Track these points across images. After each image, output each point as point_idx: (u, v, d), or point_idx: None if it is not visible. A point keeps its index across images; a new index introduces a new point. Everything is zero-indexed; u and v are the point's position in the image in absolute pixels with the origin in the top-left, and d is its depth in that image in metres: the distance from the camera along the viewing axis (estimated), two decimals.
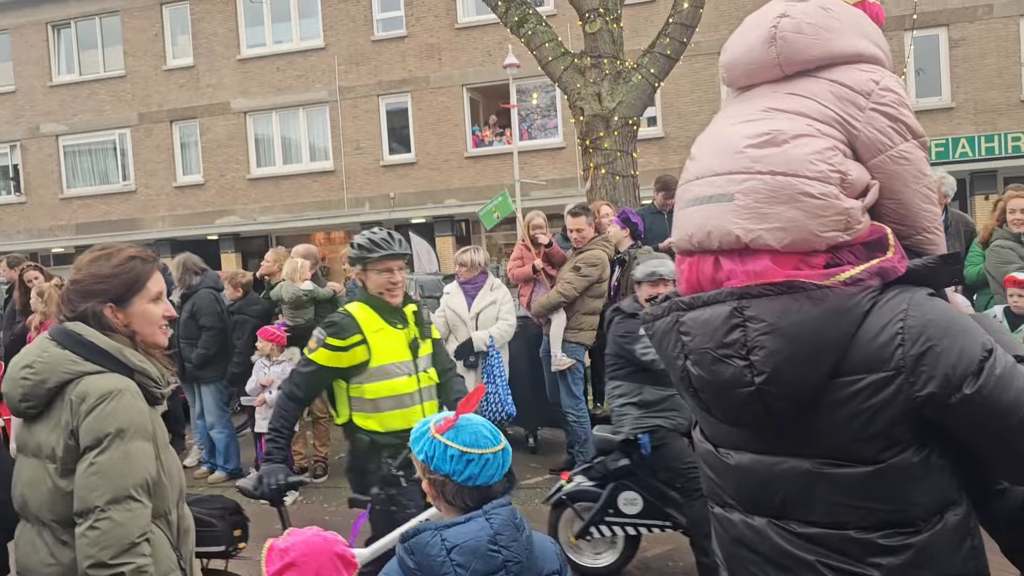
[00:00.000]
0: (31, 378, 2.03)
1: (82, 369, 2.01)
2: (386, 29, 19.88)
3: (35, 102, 21.86)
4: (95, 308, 2.08)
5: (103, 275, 2.12)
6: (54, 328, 2.10)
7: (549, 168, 19.14)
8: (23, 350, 2.14)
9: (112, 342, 2.06)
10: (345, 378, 3.30)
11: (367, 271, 3.35)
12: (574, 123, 8.73)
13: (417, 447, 1.80)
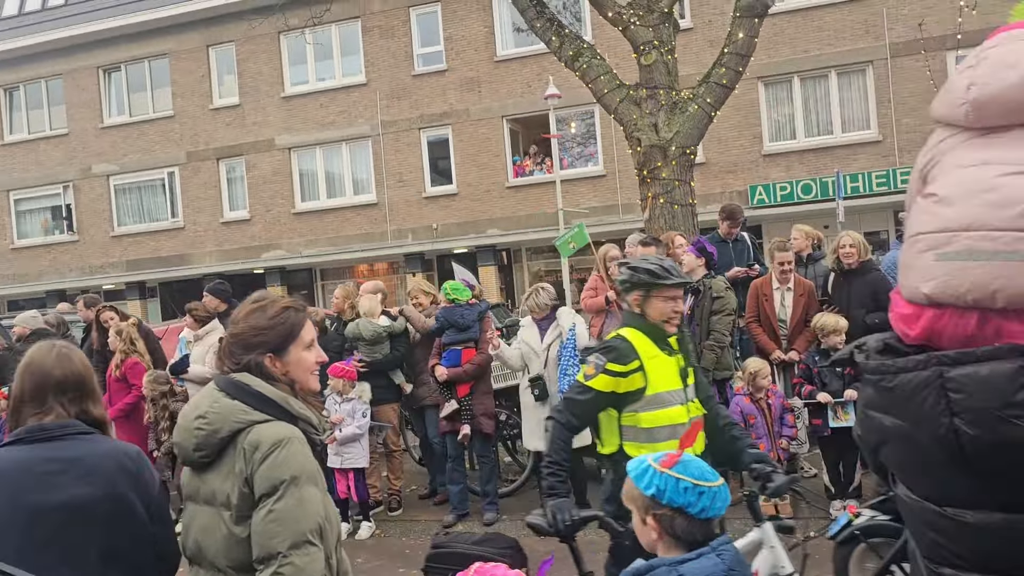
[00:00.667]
0: (205, 428, 2.10)
1: (252, 418, 2.08)
2: (426, 64, 20.23)
3: (87, 143, 22.51)
4: (257, 359, 2.16)
5: (261, 327, 2.20)
6: (221, 379, 2.18)
7: (590, 196, 19.23)
8: (193, 401, 2.22)
9: (277, 391, 2.14)
10: (618, 406, 3.23)
11: (650, 297, 3.26)
12: (631, 153, 8.81)
13: (643, 483, 1.84)
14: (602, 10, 8.74)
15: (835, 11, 17.53)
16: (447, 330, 6.31)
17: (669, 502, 1.80)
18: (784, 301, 6.15)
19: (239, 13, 20.91)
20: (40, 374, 2.36)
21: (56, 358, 2.40)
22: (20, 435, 2.31)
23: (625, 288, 3.40)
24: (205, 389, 2.23)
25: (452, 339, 6.24)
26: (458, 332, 6.25)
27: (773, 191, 17.85)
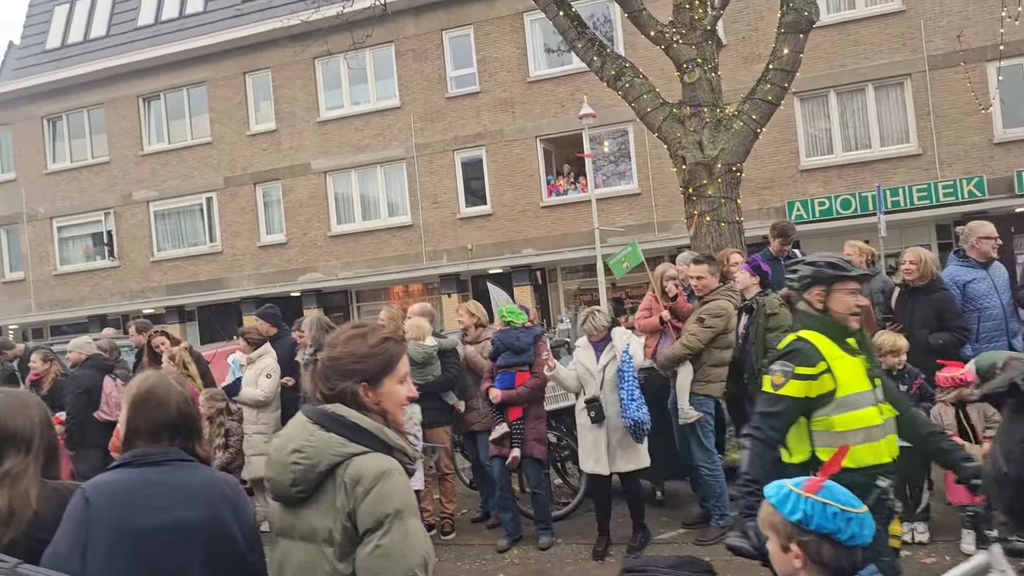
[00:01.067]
0: (302, 463, 2.05)
1: (350, 451, 2.04)
2: (459, 86, 20.38)
3: (128, 171, 22.95)
4: (352, 387, 2.13)
5: (360, 354, 2.17)
6: (312, 410, 2.14)
7: (626, 214, 19.18)
8: (285, 434, 2.17)
9: (373, 422, 2.10)
10: (807, 412, 3.13)
11: (833, 292, 3.18)
12: (675, 171, 8.76)
13: (786, 508, 1.79)
14: (643, 29, 8.72)
15: (871, 25, 17.40)
16: (502, 353, 6.28)
17: (817, 528, 1.74)
18: None
19: (274, 41, 21.31)
20: (159, 410, 2.38)
21: (175, 396, 2.42)
22: (127, 459, 2.34)
23: (804, 285, 3.28)
24: (296, 421, 2.18)
25: (507, 362, 6.20)
26: (513, 355, 6.21)
27: (811, 207, 17.66)
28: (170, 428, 2.38)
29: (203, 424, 6.89)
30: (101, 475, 2.36)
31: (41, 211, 23.72)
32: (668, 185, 18.84)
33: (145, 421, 2.39)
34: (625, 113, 19.07)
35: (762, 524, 1.88)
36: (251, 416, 7.18)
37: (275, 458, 2.13)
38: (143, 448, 2.36)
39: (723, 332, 5.86)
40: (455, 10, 20.15)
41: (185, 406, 2.47)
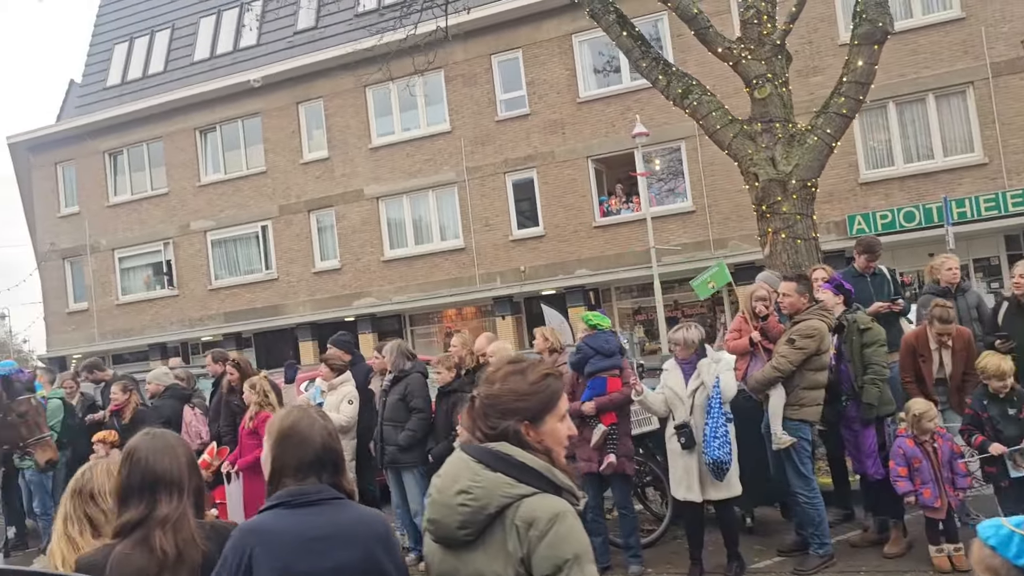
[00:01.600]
0: (470, 504, 1.98)
1: (519, 492, 1.96)
2: (509, 109, 20.47)
3: (185, 201, 23.47)
4: (514, 427, 2.05)
5: (522, 392, 2.10)
6: (475, 449, 2.07)
7: (680, 233, 18.99)
8: (447, 473, 2.10)
9: (541, 462, 2.02)
10: None
11: None
12: (748, 189, 8.62)
13: (1010, 551, 1.67)
14: (711, 47, 8.64)
15: (931, 33, 17.06)
16: (591, 358, 6.15)
17: None
18: (943, 359, 5.90)
19: (326, 71, 21.71)
20: (304, 445, 2.36)
21: (319, 431, 2.39)
22: (282, 498, 2.31)
23: None
24: (457, 460, 2.11)
25: (597, 367, 6.07)
26: (605, 358, 6.10)
27: (873, 220, 17.28)
28: (316, 464, 2.35)
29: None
30: (258, 517, 2.35)
31: (103, 243, 24.35)
32: (723, 202, 18.64)
33: (291, 458, 2.36)
34: (677, 131, 19.03)
35: (979, 566, 1.74)
36: None
37: (439, 499, 2.06)
38: (296, 487, 2.33)
39: (816, 353, 5.68)
40: (503, 34, 20.28)
41: (329, 440, 2.43)
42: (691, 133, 18.77)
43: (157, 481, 2.37)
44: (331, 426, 2.50)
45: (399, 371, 6.56)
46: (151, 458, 2.44)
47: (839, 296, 6.00)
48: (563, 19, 19.88)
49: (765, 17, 8.38)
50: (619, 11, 9.13)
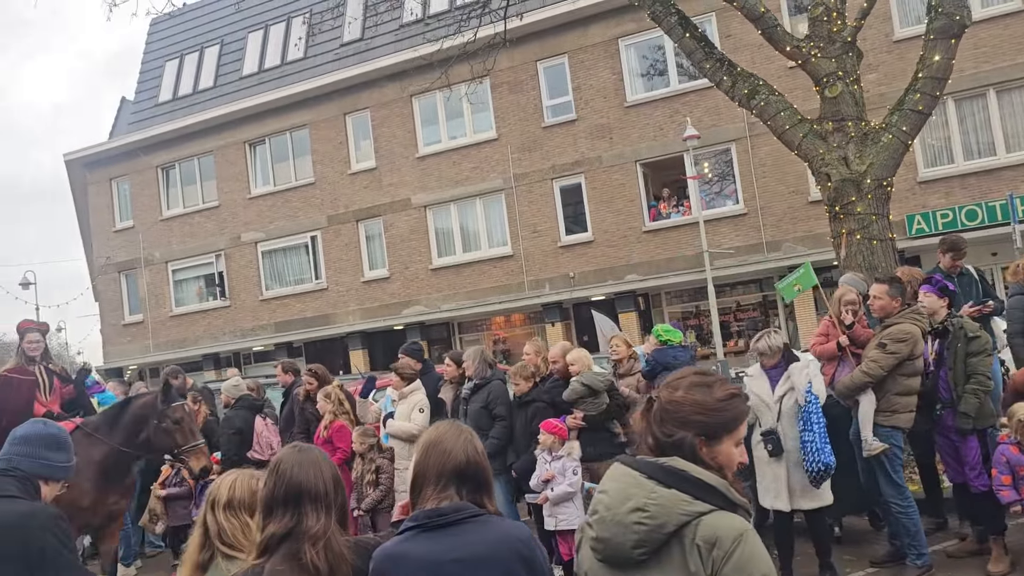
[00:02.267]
0: (647, 523, 1.90)
1: (697, 509, 1.88)
2: (556, 115, 20.42)
3: (236, 214, 23.81)
4: (691, 439, 1.98)
5: (705, 406, 2.01)
6: (646, 464, 1.99)
7: (732, 236, 18.73)
8: (615, 490, 2.01)
9: (718, 479, 1.94)
10: None
11: None
12: (820, 189, 8.43)
13: None
14: (778, 46, 8.48)
15: (991, 26, 16.62)
16: (660, 374, 6.05)
17: None
18: None
19: (373, 82, 21.89)
20: (446, 457, 2.34)
21: (463, 445, 2.37)
22: (419, 520, 2.30)
23: None
24: (623, 475, 2.01)
25: None
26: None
27: (932, 219, 16.87)
28: (458, 477, 2.33)
29: (358, 462, 6.94)
30: (394, 542, 2.33)
31: (157, 255, 24.81)
32: (775, 204, 18.36)
33: (433, 468, 2.35)
34: (727, 133, 18.80)
35: None
36: (403, 452, 7.14)
37: (609, 517, 1.97)
38: (434, 507, 2.31)
39: (909, 358, 5.50)
40: (549, 40, 20.25)
41: (475, 456, 2.40)
42: (741, 135, 18.58)
43: (302, 494, 2.35)
44: (478, 444, 2.46)
45: (480, 378, 6.52)
46: (296, 470, 2.42)
47: (943, 299, 5.78)
48: (609, 23, 19.81)
49: (835, 14, 8.20)
50: (681, 12, 9.01)
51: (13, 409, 6.22)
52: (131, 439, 6.37)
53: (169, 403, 6.36)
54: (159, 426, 6.29)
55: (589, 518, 2.05)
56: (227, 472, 2.81)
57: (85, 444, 6.19)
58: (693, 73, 19.47)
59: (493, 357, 6.70)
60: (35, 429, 2.95)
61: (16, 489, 2.73)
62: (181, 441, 6.32)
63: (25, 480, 2.80)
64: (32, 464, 2.85)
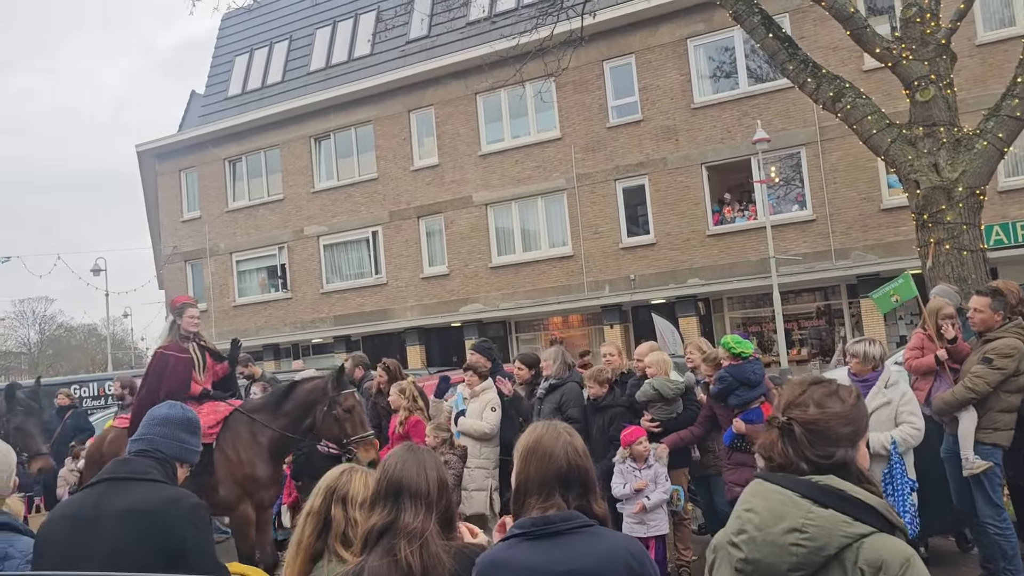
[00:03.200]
0: (806, 545, 1.81)
1: (857, 531, 1.79)
2: (621, 115, 20.24)
3: (300, 207, 24.18)
4: (851, 455, 1.90)
5: (847, 416, 1.93)
6: (801, 484, 1.90)
7: (799, 242, 18.31)
8: (766, 509, 1.92)
9: (877, 498, 1.85)
10: None
11: None
12: (907, 196, 8.16)
13: None
14: (868, 47, 8.23)
15: None
16: (736, 390, 5.90)
17: None
18: None
19: (438, 79, 21.99)
20: (547, 462, 2.30)
21: (563, 447, 2.32)
22: (525, 528, 2.25)
23: None
24: (772, 494, 1.91)
25: (742, 400, 5.79)
26: (749, 390, 5.82)
27: (1013, 230, 16.24)
28: (561, 482, 2.29)
29: None
30: (501, 548, 2.29)
31: (222, 246, 25.35)
32: (846, 211, 17.89)
33: (535, 476, 2.31)
34: (798, 136, 18.39)
35: None
36: (474, 450, 7.11)
37: (761, 537, 1.88)
38: (540, 515, 2.26)
39: (1014, 374, 5.27)
40: (616, 40, 20.07)
41: (576, 458, 2.35)
42: (812, 139, 18.16)
43: (401, 489, 2.34)
44: (579, 443, 2.41)
45: (557, 378, 6.45)
46: (399, 466, 2.42)
47: None
48: (678, 24, 19.55)
49: (929, 15, 7.92)
50: (765, 12, 8.83)
51: (170, 387, 5.98)
52: (295, 425, 6.02)
53: (340, 390, 5.98)
54: (328, 413, 5.92)
55: (734, 537, 1.96)
56: (344, 467, 2.77)
57: (245, 428, 5.96)
58: (762, 75, 19.16)
59: (571, 359, 6.61)
60: (173, 412, 2.93)
61: (158, 472, 2.72)
62: (351, 431, 5.92)
63: (165, 463, 2.79)
64: (172, 447, 2.84)
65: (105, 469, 2.81)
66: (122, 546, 2.48)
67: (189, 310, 6.37)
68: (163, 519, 2.56)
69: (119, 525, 2.54)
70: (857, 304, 18.17)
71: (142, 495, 2.63)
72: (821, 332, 20.03)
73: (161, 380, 6.08)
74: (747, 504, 1.97)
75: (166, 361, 6.17)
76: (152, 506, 2.58)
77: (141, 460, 2.76)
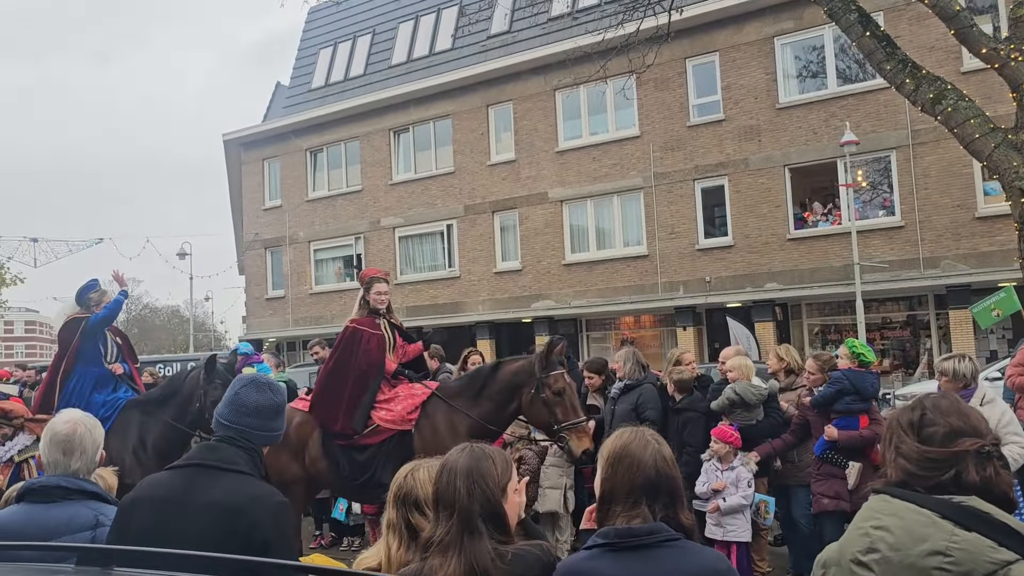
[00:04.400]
0: (951, 569, 1.72)
1: (1003, 558, 1.69)
2: (702, 114, 19.88)
3: (377, 199, 24.56)
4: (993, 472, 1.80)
5: (983, 431, 1.83)
6: (940, 502, 1.80)
7: (885, 249, 17.67)
8: (903, 528, 1.82)
9: (1019, 522, 1.74)
10: None
11: None
12: (1010, 205, 7.76)
13: None
14: (973, 47, 7.85)
15: None
16: (848, 396, 5.63)
17: None
18: None
19: (518, 74, 22.00)
20: (634, 470, 2.24)
21: (652, 454, 2.26)
22: (608, 538, 2.19)
23: None
24: (909, 512, 1.81)
25: (848, 407, 5.58)
26: (860, 401, 5.60)
27: None
28: (649, 491, 2.22)
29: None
30: (581, 558, 2.23)
31: (301, 235, 25.95)
32: (937, 218, 17.18)
33: (621, 484, 2.24)
34: (888, 140, 17.74)
35: None
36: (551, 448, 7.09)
37: (897, 559, 1.76)
38: (625, 525, 2.20)
39: None
40: (700, 37, 19.70)
41: (665, 466, 2.28)
42: (903, 143, 17.50)
43: (438, 499, 2.30)
44: (667, 451, 2.34)
45: (631, 379, 6.36)
46: (439, 474, 2.36)
47: None
48: (765, 21, 19.08)
49: None
50: (862, 10, 8.50)
51: (363, 365, 5.72)
52: (499, 411, 5.52)
53: (549, 370, 5.32)
54: (536, 396, 5.32)
55: (862, 556, 1.85)
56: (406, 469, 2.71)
57: (443, 415, 5.56)
58: (851, 76, 18.54)
59: (644, 360, 6.50)
60: (264, 399, 2.74)
61: (245, 463, 2.63)
62: (561, 416, 5.28)
63: (252, 451, 2.68)
64: (261, 437, 2.73)
65: (193, 453, 2.76)
66: (206, 538, 2.40)
67: (377, 285, 6.06)
68: (249, 516, 2.48)
69: (205, 517, 2.48)
70: (945, 316, 17.43)
71: (230, 487, 2.55)
72: (905, 344, 19.30)
73: (352, 356, 5.80)
74: (876, 521, 1.86)
75: (358, 337, 5.83)
76: (239, 502, 2.51)
77: (230, 449, 2.65)
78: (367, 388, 5.82)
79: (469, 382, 5.92)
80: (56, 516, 2.78)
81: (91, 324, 7.05)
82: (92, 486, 2.92)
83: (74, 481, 2.87)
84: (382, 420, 5.79)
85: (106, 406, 6.71)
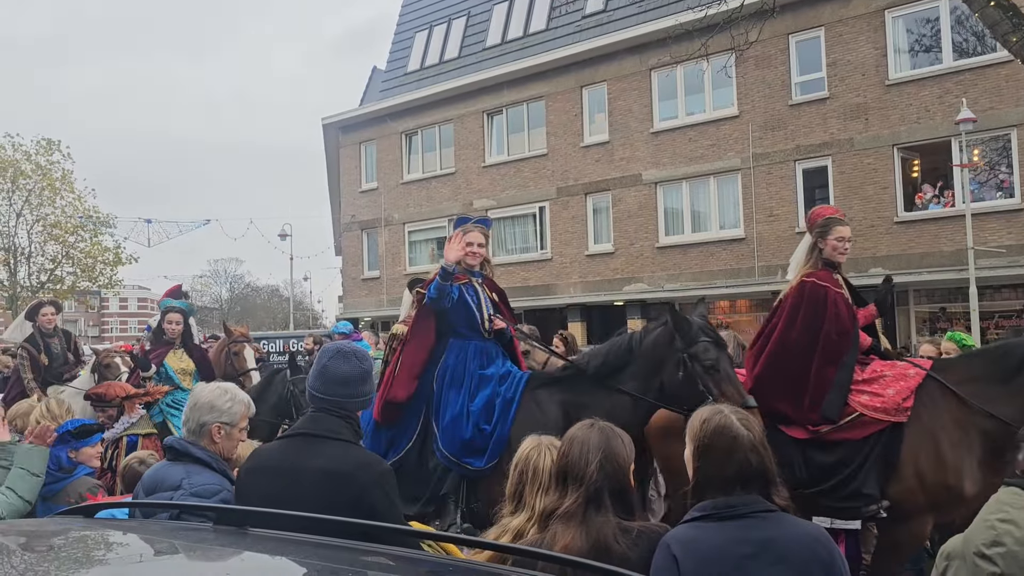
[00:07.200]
0: None
1: None
2: (805, 92, 19.17)
3: (470, 181, 24.78)
4: None
5: None
6: None
7: (1002, 233, 16.68)
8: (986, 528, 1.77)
9: None
10: None
11: None
12: None
13: None
14: None
15: None
16: None
17: None
18: None
19: (612, 54, 21.73)
20: (727, 455, 2.25)
21: (742, 439, 2.26)
22: (706, 510, 2.23)
23: None
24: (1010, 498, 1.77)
25: None
26: None
27: None
28: (743, 474, 2.24)
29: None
30: (683, 528, 2.25)
31: (396, 217, 26.48)
32: None
33: (716, 468, 2.26)
34: (1008, 117, 16.69)
35: None
36: None
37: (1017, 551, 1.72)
38: (723, 499, 2.23)
39: None
40: (804, 12, 18.97)
41: (755, 454, 2.28)
42: None
43: (567, 471, 2.35)
44: (757, 433, 2.31)
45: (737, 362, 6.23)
46: (567, 446, 2.42)
47: None
48: None
49: None
50: None
51: (831, 333, 4.68)
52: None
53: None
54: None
55: (985, 549, 1.79)
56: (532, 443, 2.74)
57: (947, 405, 4.56)
58: (968, 49, 17.49)
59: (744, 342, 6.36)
60: (352, 367, 2.79)
61: (348, 432, 2.72)
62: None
63: (350, 419, 2.77)
64: (355, 403, 2.82)
65: (298, 424, 2.86)
66: (318, 503, 2.43)
67: (838, 228, 4.95)
68: (357, 482, 2.56)
69: (316, 483, 2.55)
70: None
71: (336, 455, 2.63)
72: (1022, 333, 18.21)
73: (820, 318, 4.69)
74: (1004, 514, 1.79)
75: (821, 295, 4.74)
76: (346, 468, 2.59)
77: (332, 419, 2.72)
78: (840, 364, 4.67)
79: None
80: (164, 475, 3.09)
81: None
82: (199, 451, 3.11)
83: (182, 444, 3.13)
84: (866, 408, 4.60)
85: None
